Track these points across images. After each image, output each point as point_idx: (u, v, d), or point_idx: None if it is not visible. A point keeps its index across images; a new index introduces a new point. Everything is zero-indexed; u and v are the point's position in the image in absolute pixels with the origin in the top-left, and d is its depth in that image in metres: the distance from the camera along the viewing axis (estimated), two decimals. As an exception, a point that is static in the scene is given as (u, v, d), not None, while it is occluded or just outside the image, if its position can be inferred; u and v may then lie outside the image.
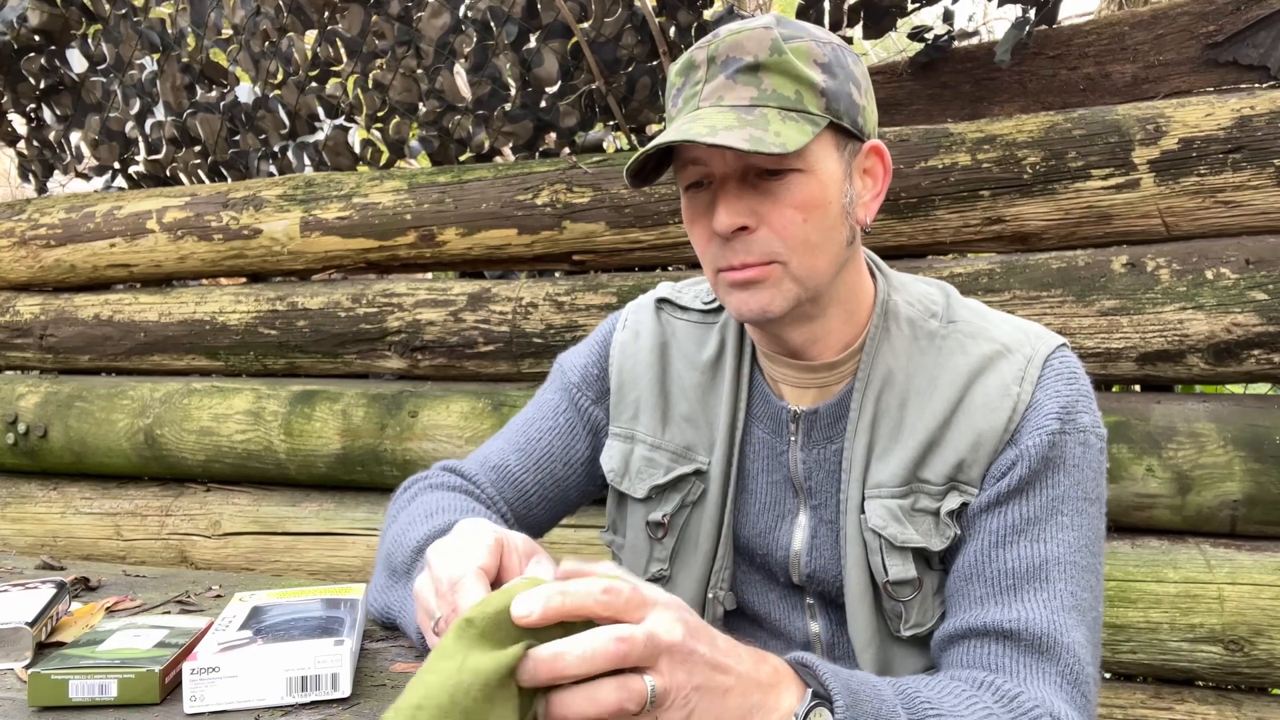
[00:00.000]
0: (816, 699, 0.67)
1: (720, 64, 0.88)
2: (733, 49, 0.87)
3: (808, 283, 0.90)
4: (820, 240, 0.89)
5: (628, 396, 1.07)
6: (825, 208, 0.89)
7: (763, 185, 0.88)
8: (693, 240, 0.95)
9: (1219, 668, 1.47)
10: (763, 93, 0.86)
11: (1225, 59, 1.73)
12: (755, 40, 0.87)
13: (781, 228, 0.88)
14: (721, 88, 0.87)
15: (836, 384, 0.98)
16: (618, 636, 0.56)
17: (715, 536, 1.02)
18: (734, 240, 0.89)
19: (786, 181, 0.87)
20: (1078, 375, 0.93)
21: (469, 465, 1.11)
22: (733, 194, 0.88)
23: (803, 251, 0.89)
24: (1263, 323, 1.49)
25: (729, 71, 0.87)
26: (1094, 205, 1.61)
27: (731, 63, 0.87)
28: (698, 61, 0.90)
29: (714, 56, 0.88)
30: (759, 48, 0.87)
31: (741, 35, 0.87)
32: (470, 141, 2.20)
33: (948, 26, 1.96)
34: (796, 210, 0.87)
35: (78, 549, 2.24)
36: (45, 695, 0.77)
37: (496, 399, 1.93)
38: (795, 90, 0.87)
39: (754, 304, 0.90)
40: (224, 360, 2.24)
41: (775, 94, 0.86)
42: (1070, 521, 0.88)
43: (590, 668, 0.55)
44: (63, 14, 2.50)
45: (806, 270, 0.89)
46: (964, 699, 0.77)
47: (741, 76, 0.87)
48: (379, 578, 1.00)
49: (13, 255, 2.42)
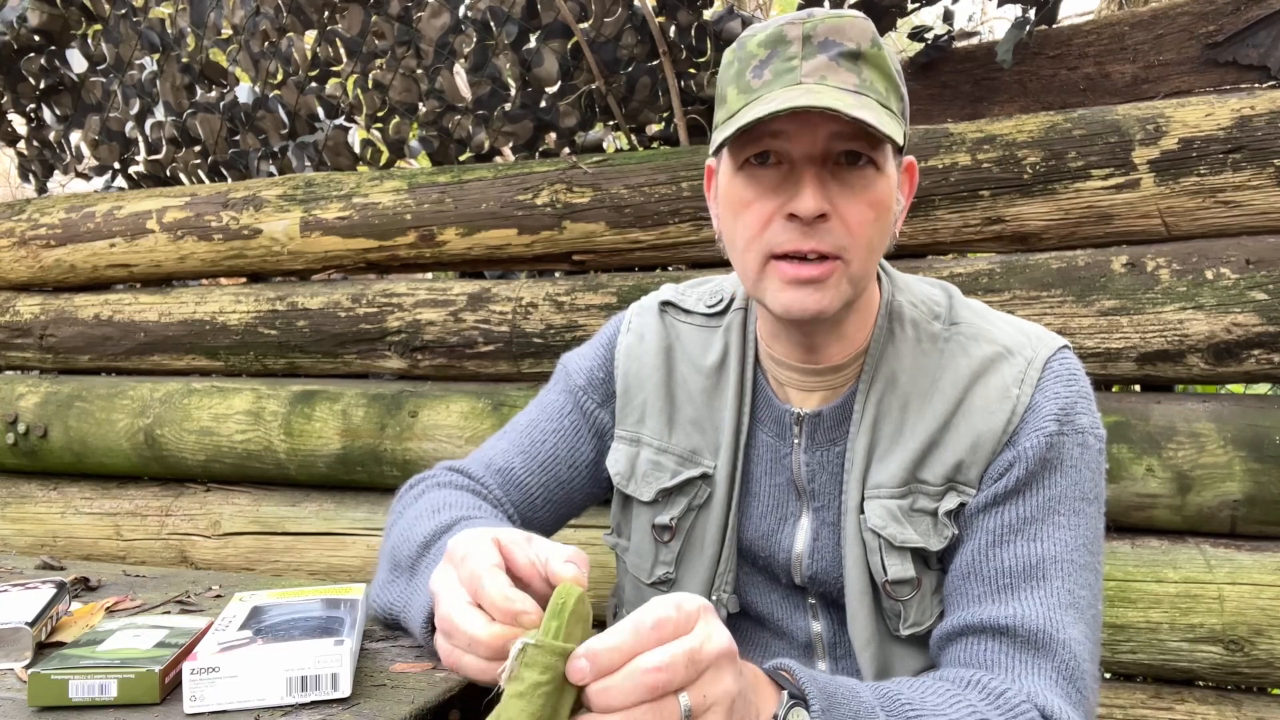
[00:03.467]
0: (793, 699, 0.68)
1: (819, 44, 0.85)
2: (833, 32, 0.85)
3: (858, 284, 0.90)
4: (879, 243, 0.89)
5: (633, 400, 1.07)
6: (890, 210, 0.89)
7: (841, 174, 0.86)
8: (742, 222, 0.90)
9: (1219, 668, 1.48)
10: (863, 82, 0.85)
11: (1225, 59, 1.73)
12: (856, 28, 0.86)
13: (855, 223, 0.86)
14: (824, 68, 0.85)
15: (841, 386, 0.98)
16: (655, 667, 0.57)
17: (720, 540, 1.02)
18: (811, 226, 0.86)
19: (864, 174, 0.86)
20: (1077, 377, 0.93)
21: (473, 466, 1.11)
22: (816, 178, 0.85)
23: (864, 251, 0.88)
24: (1263, 323, 1.49)
25: (831, 54, 0.85)
26: (1094, 205, 1.61)
27: (832, 45, 0.85)
28: (790, 37, 0.87)
29: (810, 35, 0.86)
30: (861, 36, 0.86)
31: (843, 21, 0.86)
32: (470, 141, 2.20)
33: (948, 26, 1.96)
34: (869, 207, 0.87)
35: (78, 549, 2.24)
36: (45, 695, 0.77)
37: (496, 399, 1.93)
38: (886, 87, 0.87)
39: (811, 304, 0.87)
40: (224, 360, 2.24)
41: (872, 86, 0.85)
42: (1068, 521, 0.88)
43: (633, 700, 0.58)
44: (63, 14, 2.50)
45: (861, 272, 0.89)
46: (947, 698, 0.77)
47: (844, 62, 0.85)
48: (381, 574, 0.99)
49: (13, 255, 2.42)
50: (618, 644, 0.58)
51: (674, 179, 1.85)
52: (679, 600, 0.61)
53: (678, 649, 0.58)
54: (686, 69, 2.05)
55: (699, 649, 0.59)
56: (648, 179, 1.87)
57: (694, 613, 0.61)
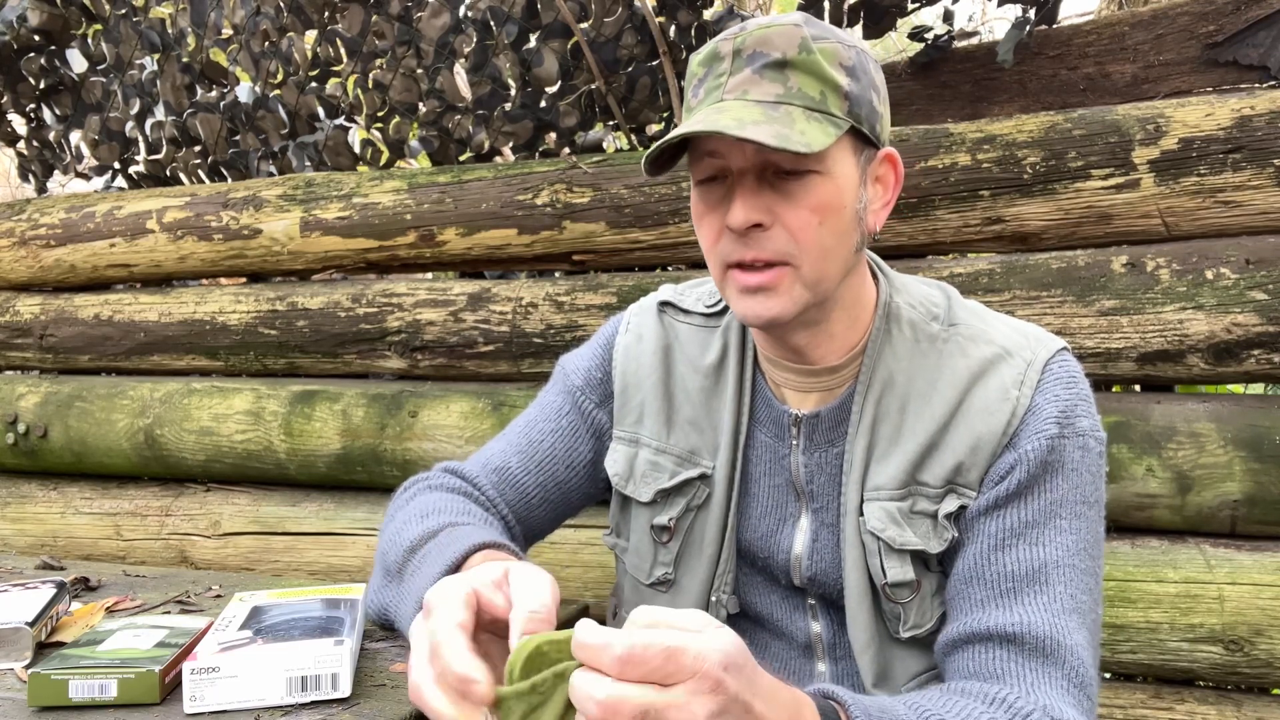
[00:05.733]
0: None
1: (747, 58, 0.86)
2: (760, 44, 0.86)
3: (817, 287, 0.89)
4: (833, 245, 0.89)
5: (632, 400, 1.07)
6: (840, 212, 0.88)
7: (780, 184, 0.87)
8: (700, 235, 0.94)
9: (1219, 668, 1.48)
10: (789, 90, 0.85)
11: (1225, 59, 1.73)
12: (784, 37, 0.86)
13: (797, 229, 0.87)
14: (747, 82, 0.86)
15: (838, 387, 0.98)
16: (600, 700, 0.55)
17: (719, 540, 1.02)
18: (747, 236, 0.87)
19: (805, 182, 0.86)
20: (1077, 379, 0.93)
21: (470, 467, 1.11)
22: (750, 190, 0.87)
23: (815, 255, 0.88)
24: (1263, 323, 1.49)
25: (756, 66, 0.86)
26: (1094, 205, 1.61)
27: (758, 57, 0.86)
28: (723, 53, 0.88)
29: (740, 49, 0.87)
30: (788, 45, 0.85)
31: (771, 31, 0.86)
32: (470, 141, 2.20)
33: (948, 26, 1.95)
34: (812, 212, 0.86)
35: (78, 549, 2.24)
36: (45, 695, 0.77)
37: (496, 399, 1.93)
38: (820, 91, 0.86)
39: (763, 310, 0.88)
40: (224, 360, 2.24)
41: (801, 93, 0.85)
42: (1069, 525, 0.88)
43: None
44: (63, 14, 2.50)
45: (816, 275, 0.89)
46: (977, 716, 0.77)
47: (769, 72, 0.85)
48: (376, 577, 1.00)
49: (13, 255, 2.42)
50: (601, 643, 0.57)
51: (674, 179, 1.85)
52: (684, 644, 0.57)
53: (629, 695, 0.55)
54: (686, 69, 2.05)
55: (663, 710, 0.55)
56: (648, 179, 1.87)
57: (690, 666, 0.56)
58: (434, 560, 0.87)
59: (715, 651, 0.57)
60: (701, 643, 0.57)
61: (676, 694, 0.56)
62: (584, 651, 0.57)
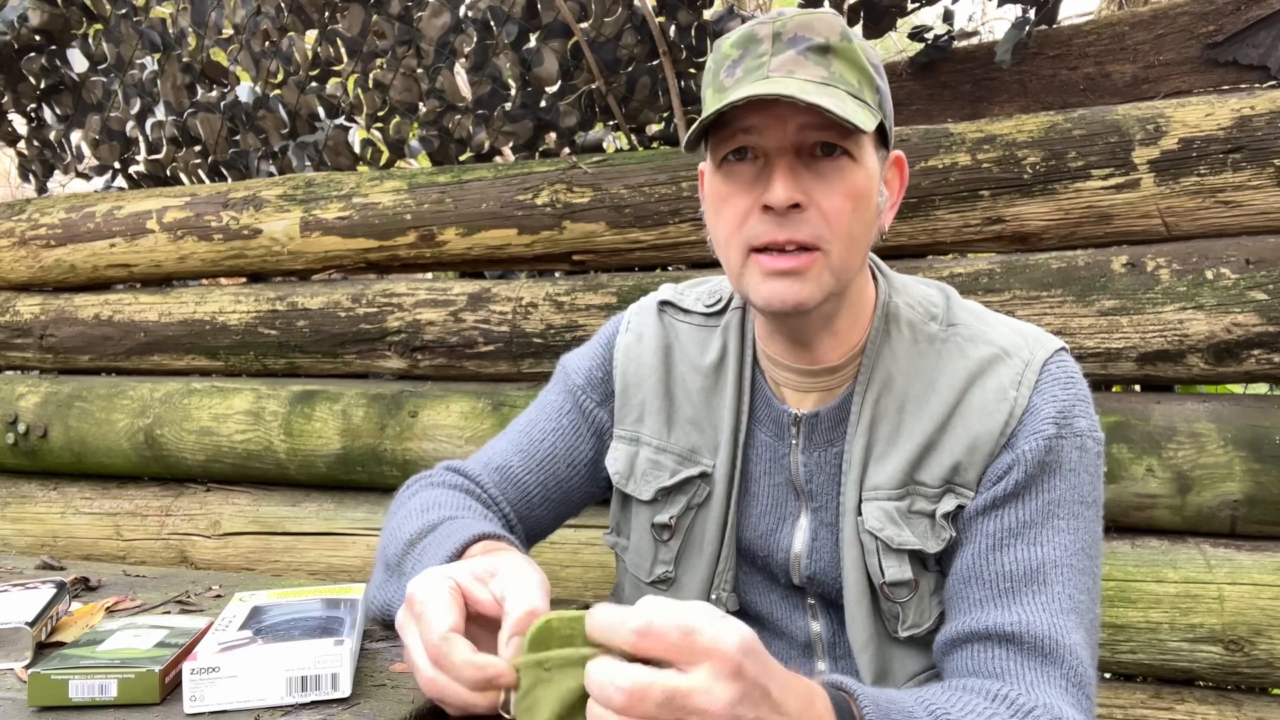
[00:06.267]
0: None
1: (788, 40, 0.87)
2: (802, 28, 0.87)
3: (841, 276, 0.90)
4: (860, 234, 0.89)
5: (632, 399, 1.07)
6: (869, 200, 0.89)
7: (815, 165, 0.87)
8: (723, 218, 0.92)
9: (1219, 668, 1.48)
10: (831, 75, 0.86)
11: (1225, 59, 1.73)
12: (825, 24, 0.87)
13: (831, 213, 0.86)
14: (792, 62, 0.86)
15: (838, 387, 0.98)
16: (624, 688, 0.56)
17: (719, 539, 1.03)
18: (784, 217, 0.86)
19: (839, 166, 0.87)
20: (1075, 379, 0.93)
21: (472, 466, 1.11)
22: (789, 169, 0.86)
23: (844, 242, 0.88)
24: (1263, 323, 1.49)
25: (800, 49, 0.86)
26: (1094, 205, 1.61)
27: (801, 40, 0.86)
28: (760, 35, 0.88)
29: (780, 33, 0.87)
30: (829, 31, 0.87)
31: (812, 17, 0.87)
32: (470, 141, 2.20)
33: (948, 26, 1.96)
34: (845, 198, 0.87)
35: (78, 549, 2.24)
36: (45, 695, 0.77)
37: (496, 399, 1.93)
38: (858, 80, 0.87)
39: (791, 295, 0.87)
40: (224, 360, 2.24)
41: (842, 78, 0.86)
42: (1066, 525, 0.88)
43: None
44: (63, 14, 2.50)
45: (843, 263, 0.89)
46: (984, 716, 0.77)
47: (813, 55, 0.86)
48: (377, 574, 1.00)
49: (13, 255, 2.42)
50: (619, 619, 0.58)
51: (674, 179, 1.85)
52: (700, 624, 0.58)
53: (655, 681, 0.56)
54: (686, 69, 2.05)
55: (688, 695, 0.56)
56: (648, 179, 1.87)
57: (705, 646, 0.57)
58: (433, 553, 0.87)
59: (733, 634, 0.58)
60: (718, 626, 0.58)
61: (698, 678, 0.57)
62: (600, 628, 0.58)
